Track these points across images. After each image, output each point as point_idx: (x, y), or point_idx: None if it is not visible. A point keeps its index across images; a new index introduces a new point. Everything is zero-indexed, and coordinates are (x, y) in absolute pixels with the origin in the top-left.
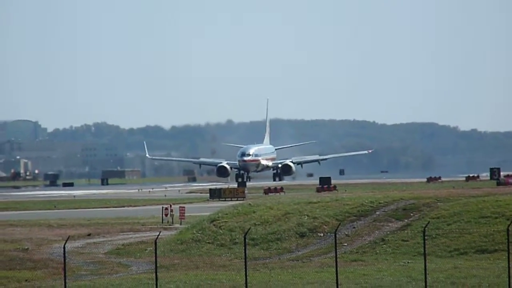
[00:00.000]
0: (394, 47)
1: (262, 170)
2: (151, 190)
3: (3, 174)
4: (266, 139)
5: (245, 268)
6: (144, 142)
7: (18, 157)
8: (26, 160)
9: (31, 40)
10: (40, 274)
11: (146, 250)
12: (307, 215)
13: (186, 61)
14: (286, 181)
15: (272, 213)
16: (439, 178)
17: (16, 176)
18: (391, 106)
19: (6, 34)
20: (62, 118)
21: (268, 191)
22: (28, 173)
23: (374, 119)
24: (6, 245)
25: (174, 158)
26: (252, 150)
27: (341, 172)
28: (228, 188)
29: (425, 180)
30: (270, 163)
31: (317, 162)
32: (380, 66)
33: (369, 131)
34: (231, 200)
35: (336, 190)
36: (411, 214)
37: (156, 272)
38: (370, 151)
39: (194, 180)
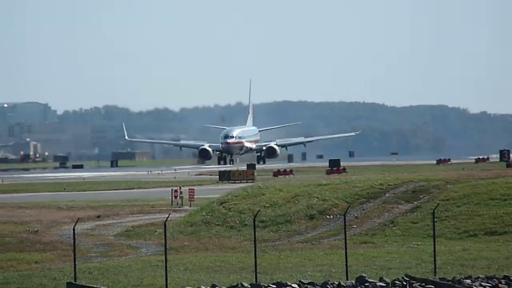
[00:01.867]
0: (405, 29)
1: (245, 152)
2: (161, 172)
3: (13, 156)
4: (249, 120)
5: (255, 250)
6: (123, 123)
7: (28, 139)
8: (35, 142)
9: (42, 22)
10: (50, 256)
11: (155, 232)
12: (317, 197)
13: (194, 42)
14: (296, 163)
15: (281, 195)
16: (449, 160)
17: (25, 158)
18: (401, 89)
19: (17, 17)
20: (72, 100)
21: (277, 173)
22: (37, 155)
23: (384, 101)
24: (15, 227)
25: (153, 141)
26: (236, 132)
27: (351, 154)
28: (237, 170)
29: (434, 162)
30: (253, 146)
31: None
32: (390, 48)
33: (379, 113)
34: (241, 182)
35: (346, 172)
36: (421, 196)
37: (165, 254)
38: (357, 132)
39: (203, 162)
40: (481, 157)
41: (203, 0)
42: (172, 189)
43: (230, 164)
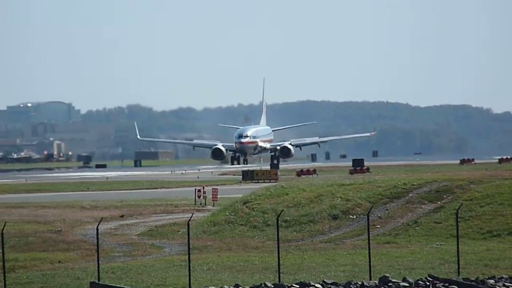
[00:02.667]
0: (429, 29)
1: (259, 152)
2: (184, 172)
3: (37, 156)
4: (263, 120)
5: (278, 250)
6: (135, 123)
7: (51, 138)
8: (59, 142)
9: (66, 22)
10: (73, 255)
11: (179, 231)
12: (340, 197)
13: (219, 42)
14: (319, 163)
15: (304, 195)
16: (472, 160)
17: (49, 157)
18: (425, 88)
19: (41, 18)
20: (95, 100)
21: (300, 173)
22: (61, 155)
23: (408, 101)
24: (39, 227)
25: (165, 140)
26: (250, 131)
27: (375, 154)
28: (260, 170)
29: (458, 162)
30: (268, 145)
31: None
32: (415, 49)
33: (402, 113)
34: (264, 182)
35: (369, 172)
36: (444, 196)
37: (188, 254)
38: (373, 133)
39: (226, 162)
40: (504, 157)
41: (228, 1)
42: (195, 189)
43: (243, 164)
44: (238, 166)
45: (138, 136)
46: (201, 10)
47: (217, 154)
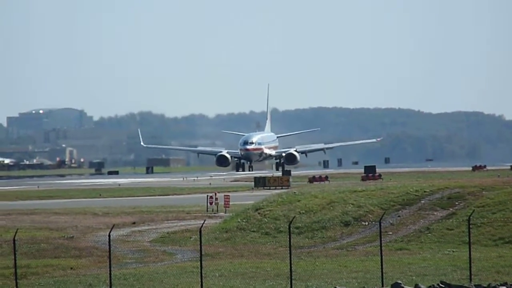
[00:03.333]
0: (441, 35)
1: (264, 159)
2: (196, 178)
3: (49, 162)
4: (267, 126)
5: (290, 256)
6: (139, 129)
7: (63, 145)
8: (71, 148)
9: (79, 30)
10: (85, 262)
11: (191, 238)
12: (352, 204)
13: (231, 49)
14: (331, 169)
15: (316, 201)
16: (484, 166)
17: (61, 164)
18: (437, 95)
19: (53, 24)
20: (107, 106)
21: (312, 179)
22: (73, 161)
23: (420, 108)
24: (51, 233)
25: (170, 147)
26: (255, 138)
27: (386, 161)
28: (272, 177)
29: (470, 168)
30: (273, 152)
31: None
32: (427, 55)
33: (414, 119)
34: (276, 189)
35: (381, 178)
36: (456, 203)
37: (201, 260)
38: (378, 139)
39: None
40: None
41: (243, 7)
42: (207, 195)
43: (248, 170)
44: (249, 172)
45: (142, 143)
46: (213, 16)
47: (222, 161)
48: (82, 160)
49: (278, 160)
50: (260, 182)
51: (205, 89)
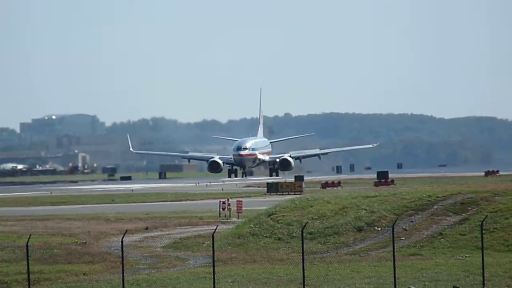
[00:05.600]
0: (453, 41)
1: (258, 165)
2: (209, 184)
3: (61, 168)
4: (260, 131)
5: (303, 262)
6: (128, 135)
7: (76, 151)
8: (84, 154)
9: (90, 35)
10: (98, 267)
11: (203, 244)
12: (365, 209)
13: (243, 55)
14: (344, 175)
15: (329, 207)
16: (497, 172)
17: (74, 170)
18: (449, 100)
19: (65, 30)
20: (120, 112)
21: (325, 185)
22: (86, 167)
23: (432, 113)
24: (64, 239)
25: (158, 152)
26: (249, 143)
27: (399, 166)
28: (285, 182)
29: (483, 174)
30: (267, 158)
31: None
32: (439, 60)
33: (427, 125)
34: (288, 194)
35: (394, 184)
36: (469, 208)
37: (213, 266)
38: (375, 144)
39: (251, 174)
40: None
41: (259, 12)
42: (220, 201)
43: (242, 176)
44: (241, 178)
45: (131, 149)
46: (225, 21)
47: (214, 167)
48: (95, 165)
49: (271, 166)
50: (273, 188)
51: (217, 95)
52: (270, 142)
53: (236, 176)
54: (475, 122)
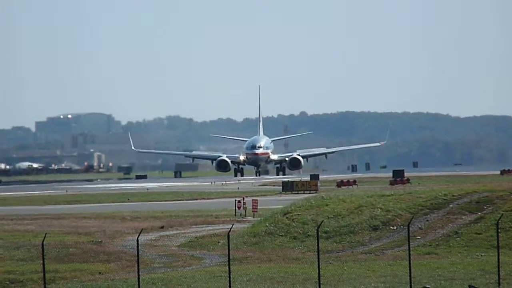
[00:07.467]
0: (470, 41)
1: (268, 163)
2: (224, 183)
3: (77, 167)
4: (261, 130)
5: (318, 261)
6: (129, 133)
7: (91, 150)
8: (99, 153)
9: (105, 35)
10: (114, 266)
11: (219, 242)
12: (380, 208)
13: (259, 54)
14: (359, 174)
15: (345, 206)
16: None
17: (89, 168)
18: (465, 99)
19: (81, 29)
20: (135, 111)
21: (341, 184)
22: (101, 166)
23: (448, 112)
24: (79, 238)
25: (162, 151)
26: (262, 142)
27: (415, 165)
28: (300, 181)
29: (498, 172)
30: (275, 157)
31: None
32: (455, 59)
33: (442, 124)
34: (304, 193)
35: (410, 183)
36: (485, 207)
37: (229, 265)
38: (382, 143)
39: (266, 173)
40: None
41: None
42: (235, 200)
43: (256, 175)
44: (254, 177)
45: (133, 147)
46: (240, 21)
47: (222, 166)
48: (110, 164)
49: (278, 165)
50: (288, 187)
51: (233, 93)
52: (272, 141)
53: (242, 175)
54: (490, 121)
